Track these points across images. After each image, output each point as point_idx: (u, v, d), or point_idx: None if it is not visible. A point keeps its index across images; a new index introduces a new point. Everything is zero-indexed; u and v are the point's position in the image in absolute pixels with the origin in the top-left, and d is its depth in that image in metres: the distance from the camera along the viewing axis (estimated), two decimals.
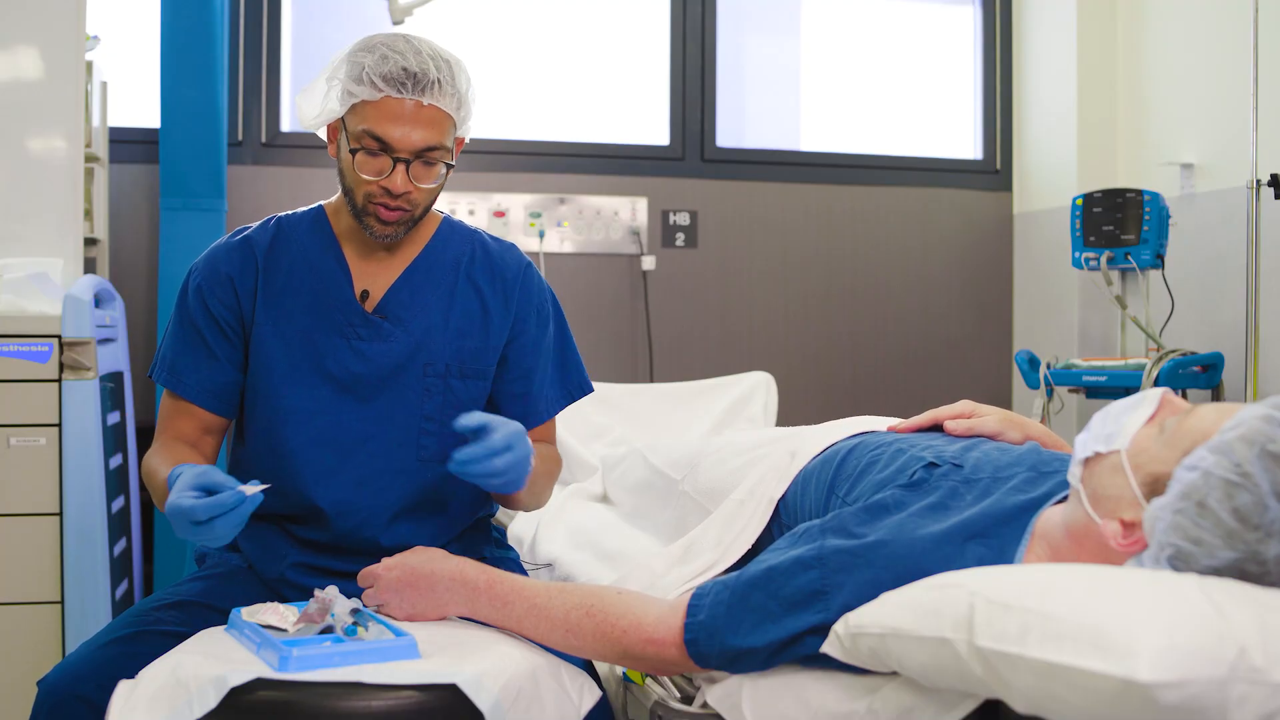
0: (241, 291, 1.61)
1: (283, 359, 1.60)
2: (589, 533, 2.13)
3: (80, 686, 1.35)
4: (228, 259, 1.63)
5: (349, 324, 1.61)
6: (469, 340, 1.65)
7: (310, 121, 1.59)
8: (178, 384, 1.62)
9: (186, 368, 1.61)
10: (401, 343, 1.61)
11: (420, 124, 1.51)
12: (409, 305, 1.63)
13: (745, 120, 3.90)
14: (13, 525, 2.32)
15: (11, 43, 2.62)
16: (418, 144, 1.51)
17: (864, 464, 1.50)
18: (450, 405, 1.63)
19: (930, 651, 1.09)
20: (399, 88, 1.49)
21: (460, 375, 1.64)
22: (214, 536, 1.30)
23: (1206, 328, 3.20)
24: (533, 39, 3.73)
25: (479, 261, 1.68)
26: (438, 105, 1.52)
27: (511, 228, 3.57)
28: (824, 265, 3.82)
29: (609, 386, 3.14)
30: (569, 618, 1.37)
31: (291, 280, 1.62)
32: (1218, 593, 0.99)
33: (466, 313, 1.65)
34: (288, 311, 1.61)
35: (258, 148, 3.44)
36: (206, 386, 1.61)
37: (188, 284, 1.64)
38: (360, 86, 1.50)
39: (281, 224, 1.67)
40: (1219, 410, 1.16)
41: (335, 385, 1.60)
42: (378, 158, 1.52)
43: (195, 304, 1.62)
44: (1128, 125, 3.60)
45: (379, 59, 1.50)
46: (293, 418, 1.59)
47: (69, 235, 2.63)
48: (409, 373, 1.62)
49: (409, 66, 1.49)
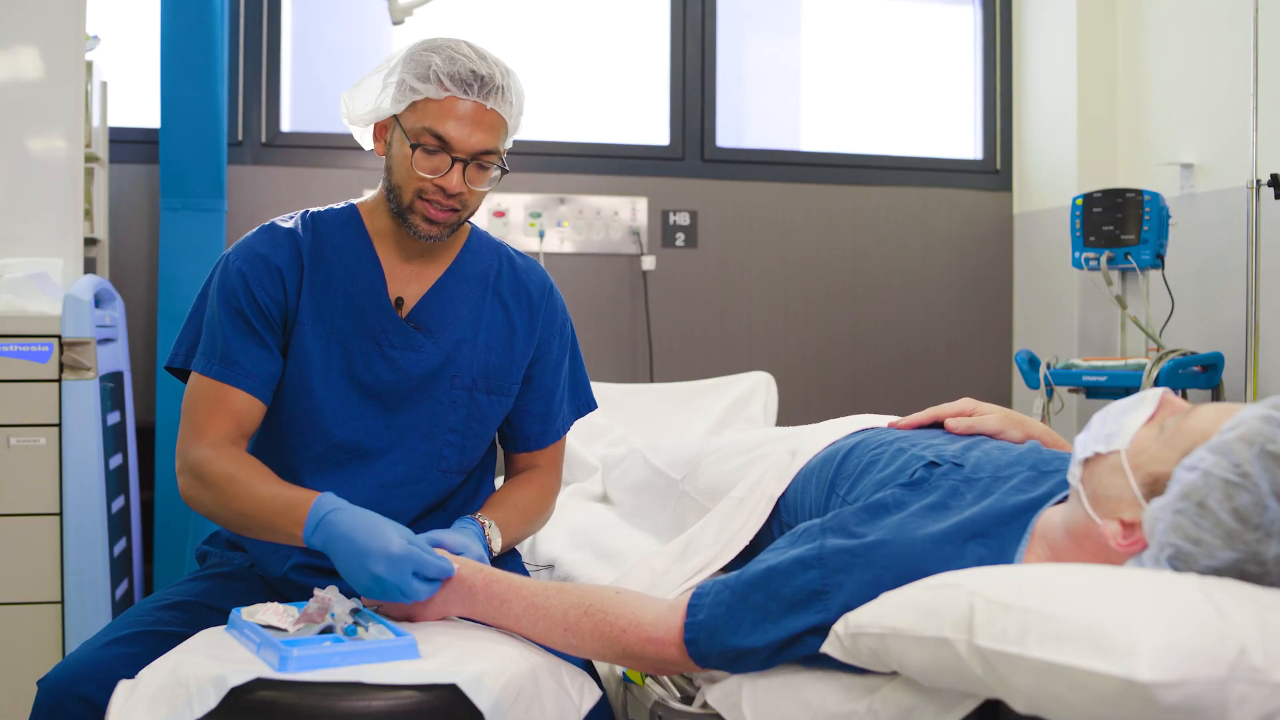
0: (289, 284, 1.58)
1: (320, 359, 1.58)
2: (589, 533, 2.13)
3: (80, 686, 1.34)
4: (276, 250, 1.58)
5: (383, 331, 1.60)
6: (495, 355, 1.66)
7: (362, 117, 1.58)
8: (234, 374, 1.53)
9: (239, 356, 1.53)
10: (432, 354, 1.61)
11: (481, 127, 1.53)
12: (440, 316, 1.63)
13: (745, 120, 3.90)
14: (13, 525, 2.32)
15: (11, 43, 2.63)
16: (476, 146, 1.53)
17: (865, 463, 1.50)
18: (474, 419, 1.64)
19: (930, 651, 1.09)
20: (465, 89, 1.51)
21: (486, 390, 1.65)
22: (396, 593, 1.34)
23: (1206, 328, 3.19)
24: (533, 39, 3.73)
25: (506, 277, 1.69)
26: (498, 111, 1.55)
27: (511, 228, 3.57)
28: (824, 265, 3.82)
29: (609, 386, 3.14)
30: (568, 617, 1.37)
31: (331, 278, 1.60)
32: (1218, 593, 0.99)
33: (493, 327, 1.66)
34: (328, 311, 1.59)
35: (258, 148, 3.44)
36: (260, 375, 1.55)
37: (227, 271, 1.57)
38: (426, 85, 1.51)
39: (318, 220, 1.64)
40: (1219, 410, 1.16)
41: (363, 391, 1.60)
42: (436, 156, 1.53)
43: (241, 292, 1.55)
44: (1128, 125, 3.60)
45: (447, 59, 1.52)
46: (324, 419, 1.58)
47: (69, 235, 2.64)
48: (437, 384, 1.62)
49: (477, 69, 1.52)
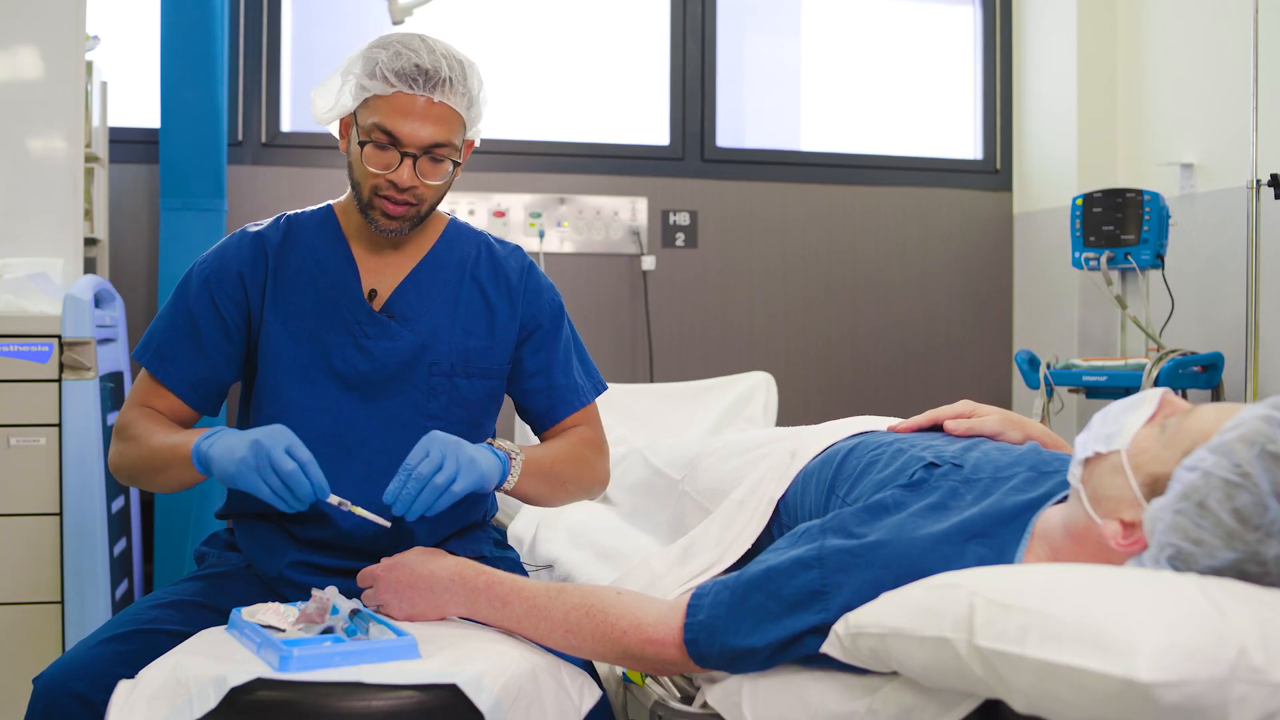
0: (251, 289, 1.63)
1: (290, 356, 1.61)
2: (589, 533, 2.13)
3: (75, 684, 1.34)
4: (238, 255, 1.64)
5: (356, 322, 1.62)
6: (474, 340, 1.66)
7: (323, 116, 1.61)
8: (161, 369, 1.62)
9: (171, 354, 1.62)
10: (407, 341, 1.63)
11: (429, 120, 1.53)
12: (415, 304, 1.64)
13: (745, 120, 3.90)
14: (13, 525, 2.32)
15: (11, 43, 2.63)
16: (426, 140, 1.53)
17: (864, 464, 1.50)
18: (456, 404, 1.65)
19: (930, 651, 1.09)
20: (411, 83, 1.52)
21: (466, 374, 1.65)
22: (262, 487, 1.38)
23: (1206, 328, 3.20)
24: (533, 39, 3.73)
25: (484, 263, 1.70)
26: (448, 103, 1.54)
27: (511, 228, 3.57)
28: (824, 265, 3.82)
29: (609, 386, 3.14)
30: (569, 618, 1.37)
31: (300, 278, 1.63)
32: (1218, 593, 0.99)
33: (471, 312, 1.67)
34: (296, 309, 1.62)
35: (258, 148, 3.44)
36: (188, 378, 1.62)
37: (192, 274, 1.64)
38: (373, 81, 1.52)
39: (292, 222, 1.68)
40: (1219, 410, 1.16)
41: (341, 383, 1.62)
42: (386, 151, 1.54)
43: (199, 295, 1.62)
44: (1128, 125, 3.60)
45: (393, 55, 1.53)
46: (299, 415, 1.59)
47: (69, 235, 2.64)
48: (415, 372, 1.63)
49: (422, 63, 1.52)
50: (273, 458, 1.37)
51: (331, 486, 1.51)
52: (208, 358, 1.62)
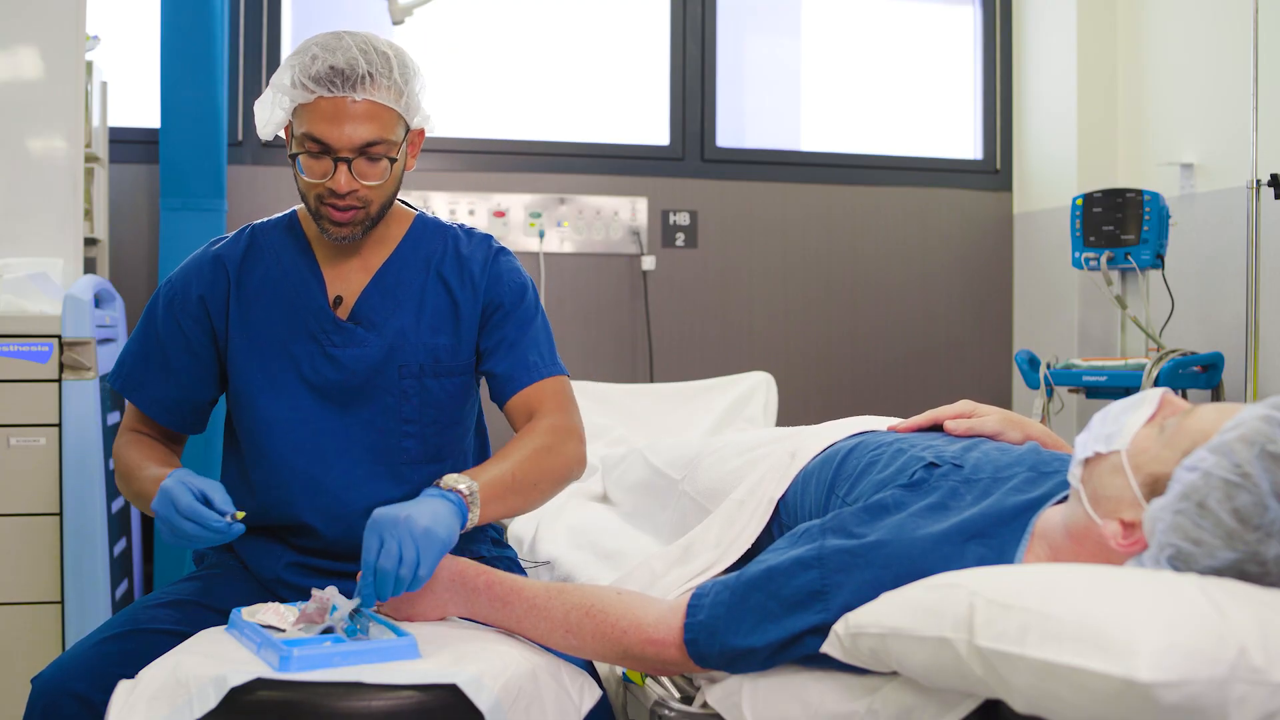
0: (213, 310, 1.61)
1: (260, 371, 1.60)
2: (589, 533, 2.13)
3: (73, 683, 1.35)
4: (199, 278, 1.63)
5: (322, 331, 1.60)
6: (442, 337, 1.63)
7: (263, 131, 1.57)
8: (134, 394, 1.64)
9: (141, 379, 1.63)
10: (375, 346, 1.60)
11: (356, 120, 1.48)
12: (380, 308, 1.61)
13: (745, 120, 3.90)
14: (13, 525, 2.32)
15: (11, 43, 2.62)
16: (356, 141, 1.49)
17: (864, 464, 1.50)
18: (429, 405, 1.62)
19: (930, 651, 1.09)
20: (329, 86, 1.47)
21: (434, 374, 1.62)
22: (189, 542, 1.40)
23: (1206, 328, 3.19)
24: (533, 39, 3.73)
25: (449, 258, 1.66)
26: (373, 99, 1.49)
27: (511, 228, 3.57)
28: (824, 265, 3.82)
29: (609, 386, 3.14)
30: (569, 618, 1.37)
31: (265, 291, 1.61)
32: (1218, 593, 0.99)
33: (437, 310, 1.63)
34: (263, 323, 1.60)
35: (258, 148, 3.44)
36: (159, 400, 1.63)
37: (159, 296, 1.64)
38: (295, 90, 1.49)
39: (255, 233, 1.66)
40: (1219, 410, 1.16)
41: (314, 393, 1.60)
42: (320, 160, 1.50)
43: (164, 318, 1.62)
44: (1128, 125, 3.60)
45: (309, 60, 1.48)
46: (275, 429, 1.59)
47: (69, 235, 2.63)
48: (385, 376, 1.60)
49: (335, 64, 1.47)
50: (173, 524, 1.38)
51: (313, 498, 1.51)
52: (178, 380, 1.62)
